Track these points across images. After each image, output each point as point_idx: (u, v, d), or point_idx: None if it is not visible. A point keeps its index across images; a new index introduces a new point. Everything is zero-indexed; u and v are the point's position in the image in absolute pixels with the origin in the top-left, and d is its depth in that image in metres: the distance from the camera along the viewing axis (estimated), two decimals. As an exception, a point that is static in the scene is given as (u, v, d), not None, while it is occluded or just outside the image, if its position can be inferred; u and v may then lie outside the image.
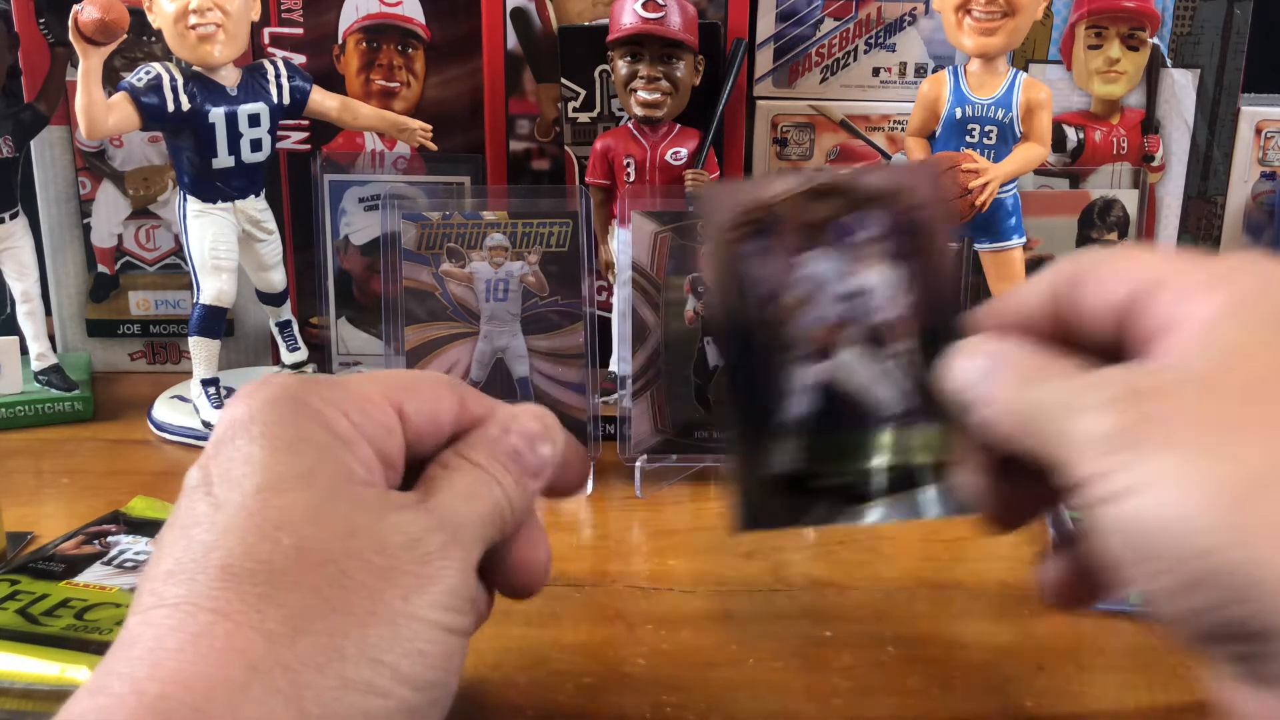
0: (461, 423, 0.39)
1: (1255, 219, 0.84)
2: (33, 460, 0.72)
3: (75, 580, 0.50)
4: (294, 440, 0.34)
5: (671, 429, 0.68)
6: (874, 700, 0.46)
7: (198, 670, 0.28)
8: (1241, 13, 0.80)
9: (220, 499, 0.33)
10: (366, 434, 0.35)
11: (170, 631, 0.29)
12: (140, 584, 0.32)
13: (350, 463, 0.34)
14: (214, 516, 0.32)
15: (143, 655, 0.29)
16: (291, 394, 0.35)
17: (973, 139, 0.73)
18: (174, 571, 0.31)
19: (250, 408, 0.35)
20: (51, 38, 0.81)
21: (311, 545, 0.31)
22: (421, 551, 0.33)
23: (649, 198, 0.73)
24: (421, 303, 0.67)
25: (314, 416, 0.35)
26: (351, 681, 0.30)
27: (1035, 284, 0.35)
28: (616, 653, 0.49)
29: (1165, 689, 0.46)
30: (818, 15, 0.82)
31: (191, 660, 0.29)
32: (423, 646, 0.32)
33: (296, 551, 0.31)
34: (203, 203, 0.74)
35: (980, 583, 0.56)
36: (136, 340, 0.89)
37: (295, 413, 0.35)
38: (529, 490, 0.38)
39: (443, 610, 0.33)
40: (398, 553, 0.33)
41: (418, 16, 0.84)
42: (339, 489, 0.33)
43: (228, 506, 0.32)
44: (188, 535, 0.32)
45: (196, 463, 0.35)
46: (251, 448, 0.33)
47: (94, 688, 0.29)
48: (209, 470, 0.34)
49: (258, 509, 0.32)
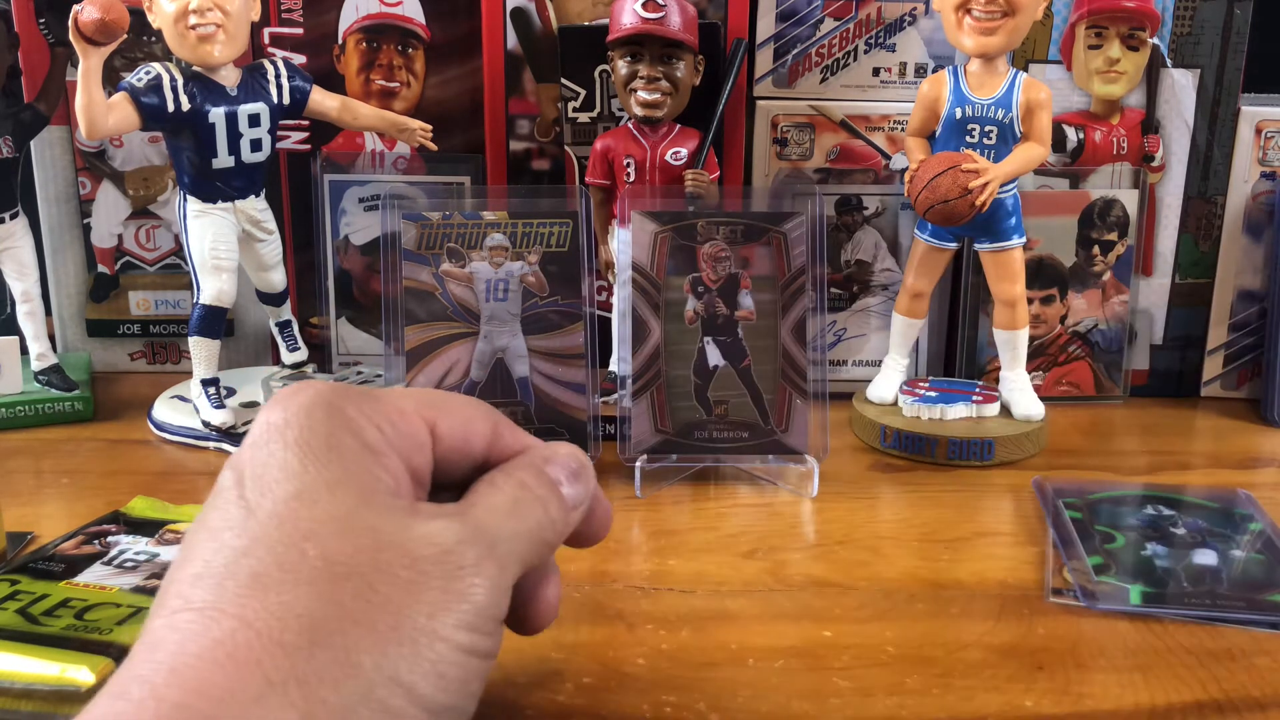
0: (494, 450, 0.39)
1: (1255, 219, 0.84)
2: (33, 460, 0.72)
3: (75, 580, 0.50)
4: (326, 449, 0.34)
5: (671, 429, 0.68)
6: (874, 700, 0.46)
7: (215, 679, 0.28)
8: (1241, 13, 0.80)
9: (252, 504, 0.33)
10: (396, 447, 0.36)
11: (193, 637, 0.29)
12: (166, 583, 0.32)
13: (379, 473, 0.34)
14: (245, 522, 0.32)
15: (164, 660, 0.29)
16: (327, 401, 0.35)
17: (973, 139, 0.73)
18: (202, 575, 0.31)
19: (287, 413, 0.35)
20: (51, 38, 0.81)
21: (338, 557, 0.31)
22: (452, 565, 0.33)
23: (649, 198, 0.73)
24: (421, 303, 0.67)
25: (347, 425, 0.35)
26: (366, 700, 0.30)
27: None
28: (616, 653, 0.49)
29: (1165, 689, 0.46)
30: (818, 15, 0.82)
31: (210, 669, 0.29)
32: (443, 669, 0.31)
33: (323, 563, 0.31)
34: (203, 203, 0.74)
35: (980, 583, 0.56)
36: (136, 340, 0.89)
37: (329, 420, 0.35)
38: (570, 521, 0.38)
39: (468, 631, 0.32)
40: (426, 567, 0.32)
41: (418, 16, 0.84)
42: (368, 499, 0.33)
43: (259, 513, 0.32)
44: (218, 538, 0.32)
45: (230, 462, 0.35)
46: (286, 454, 0.34)
47: (116, 691, 0.29)
48: (243, 473, 0.34)
49: (288, 517, 0.32)
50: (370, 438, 0.35)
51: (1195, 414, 0.84)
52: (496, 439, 0.39)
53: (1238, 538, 0.60)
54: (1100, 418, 0.83)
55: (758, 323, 0.68)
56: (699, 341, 0.68)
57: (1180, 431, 0.81)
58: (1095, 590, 0.54)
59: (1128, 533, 0.60)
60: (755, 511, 0.65)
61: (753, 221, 0.68)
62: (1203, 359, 0.87)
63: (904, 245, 0.84)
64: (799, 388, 0.68)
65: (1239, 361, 0.86)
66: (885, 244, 0.85)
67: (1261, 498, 0.65)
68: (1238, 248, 0.84)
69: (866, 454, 0.75)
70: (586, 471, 0.39)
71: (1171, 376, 0.87)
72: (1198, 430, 0.82)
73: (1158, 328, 0.87)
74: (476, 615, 0.33)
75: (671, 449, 0.68)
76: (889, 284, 0.85)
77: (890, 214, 0.84)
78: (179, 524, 0.58)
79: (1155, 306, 0.86)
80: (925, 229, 0.77)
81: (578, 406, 0.68)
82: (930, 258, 0.77)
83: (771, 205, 0.71)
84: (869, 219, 0.84)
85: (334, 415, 0.35)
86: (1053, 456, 0.75)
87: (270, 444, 0.34)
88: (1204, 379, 0.87)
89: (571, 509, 0.38)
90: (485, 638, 0.33)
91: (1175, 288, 0.86)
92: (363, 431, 0.35)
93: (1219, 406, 0.85)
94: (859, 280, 0.85)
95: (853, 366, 0.86)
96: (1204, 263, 0.85)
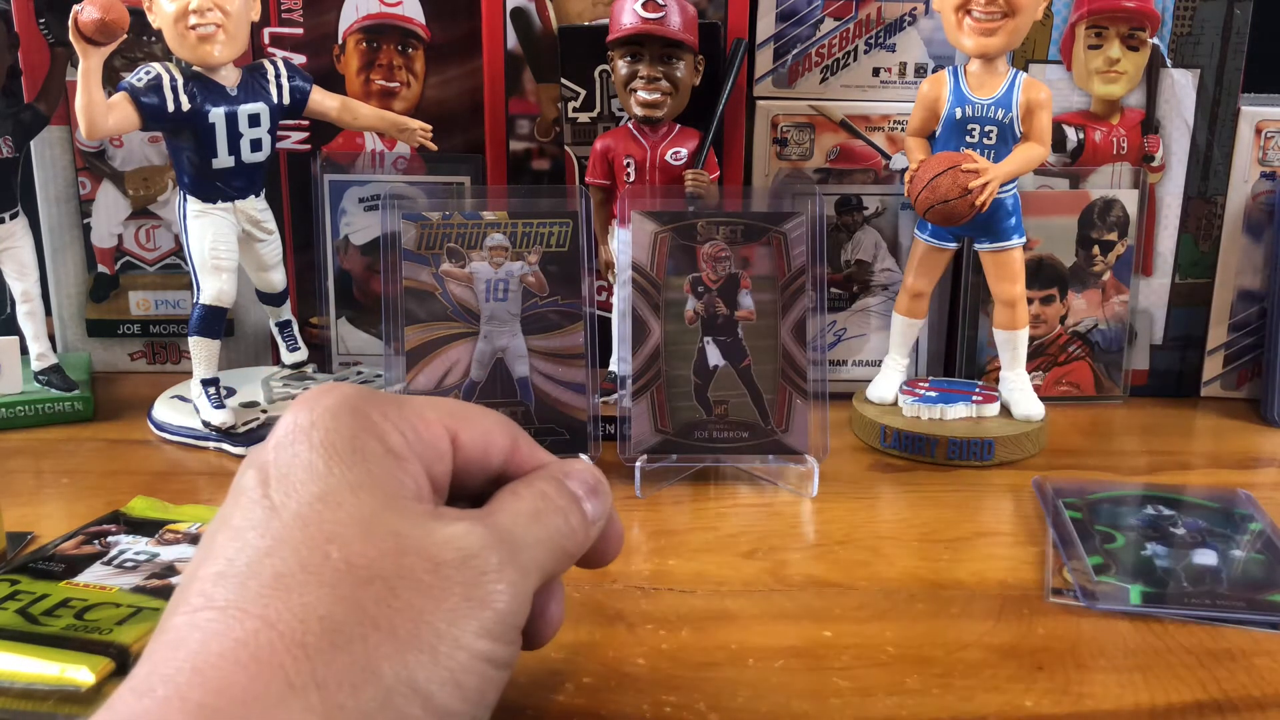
0: (511, 463, 0.39)
1: (1255, 219, 0.84)
2: (33, 460, 0.72)
3: (75, 580, 0.50)
4: (351, 451, 0.34)
5: (671, 429, 0.68)
6: (874, 700, 0.46)
7: (238, 681, 0.29)
8: (1241, 13, 0.80)
9: (277, 504, 0.33)
10: (419, 453, 0.36)
11: (215, 636, 0.30)
12: (187, 580, 0.32)
13: (403, 478, 0.35)
14: (269, 522, 0.32)
15: (187, 658, 0.29)
16: (352, 405, 0.35)
17: (973, 139, 0.73)
18: (224, 573, 0.31)
19: (313, 415, 0.35)
20: (51, 38, 0.81)
21: (360, 560, 0.31)
22: (475, 570, 0.33)
23: (649, 198, 0.73)
24: (421, 303, 0.67)
25: (372, 429, 0.35)
26: (383, 707, 0.30)
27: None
28: (616, 653, 0.49)
29: (1165, 689, 0.46)
30: (818, 15, 0.82)
31: (234, 669, 0.29)
32: (461, 677, 0.31)
33: (346, 565, 0.31)
34: (203, 203, 0.74)
35: (980, 583, 0.56)
36: (136, 340, 0.90)
37: (355, 424, 0.35)
38: (590, 535, 0.39)
39: (489, 639, 0.32)
40: (449, 572, 0.32)
41: (418, 16, 0.84)
42: (392, 503, 0.33)
43: (284, 513, 0.32)
44: (241, 537, 0.32)
45: (254, 460, 0.35)
46: (311, 455, 0.34)
47: (139, 687, 0.29)
48: (267, 473, 0.34)
49: (313, 519, 0.32)
50: (394, 442, 0.35)
51: (1195, 414, 0.84)
52: (514, 453, 0.39)
53: (1238, 538, 0.60)
54: (1100, 418, 0.83)
55: (758, 323, 0.68)
56: (699, 341, 0.68)
57: (1180, 431, 0.81)
58: (1095, 590, 0.54)
59: (1128, 533, 0.60)
60: (755, 511, 0.65)
61: (753, 221, 0.68)
62: (1203, 359, 0.87)
63: (904, 245, 0.84)
64: (799, 388, 0.68)
65: (1239, 361, 0.86)
66: (885, 244, 0.85)
67: (1261, 498, 0.65)
68: (1238, 248, 0.84)
69: (866, 454, 0.75)
70: (604, 488, 0.40)
71: (1171, 376, 0.87)
72: (1198, 430, 0.82)
73: (1158, 328, 0.87)
74: (498, 623, 0.33)
75: (671, 449, 0.68)
76: (889, 284, 0.85)
77: (890, 214, 0.84)
78: (179, 524, 0.58)
79: (1155, 306, 0.86)
80: (925, 229, 0.77)
81: (578, 406, 0.68)
82: (930, 258, 0.77)
83: (771, 205, 0.71)
84: (869, 219, 0.85)
85: (359, 419, 0.35)
86: (1053, 456, 0.75)
87: (296, 445, 0.34)
88: (1204, 379, 0.87)
89: (591, 522, 0.39)
90: (505, 646, 0.33)
91: (1175, 288, 0.86)
92: (387, 436, 0.35)
93: (1219, 406, 0.85)
94: (859, 280, 0.85)
95: (853, 366, 0.86)
96: (1204, 263, 0.85)
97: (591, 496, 0.39)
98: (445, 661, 0.31)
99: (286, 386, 0.80)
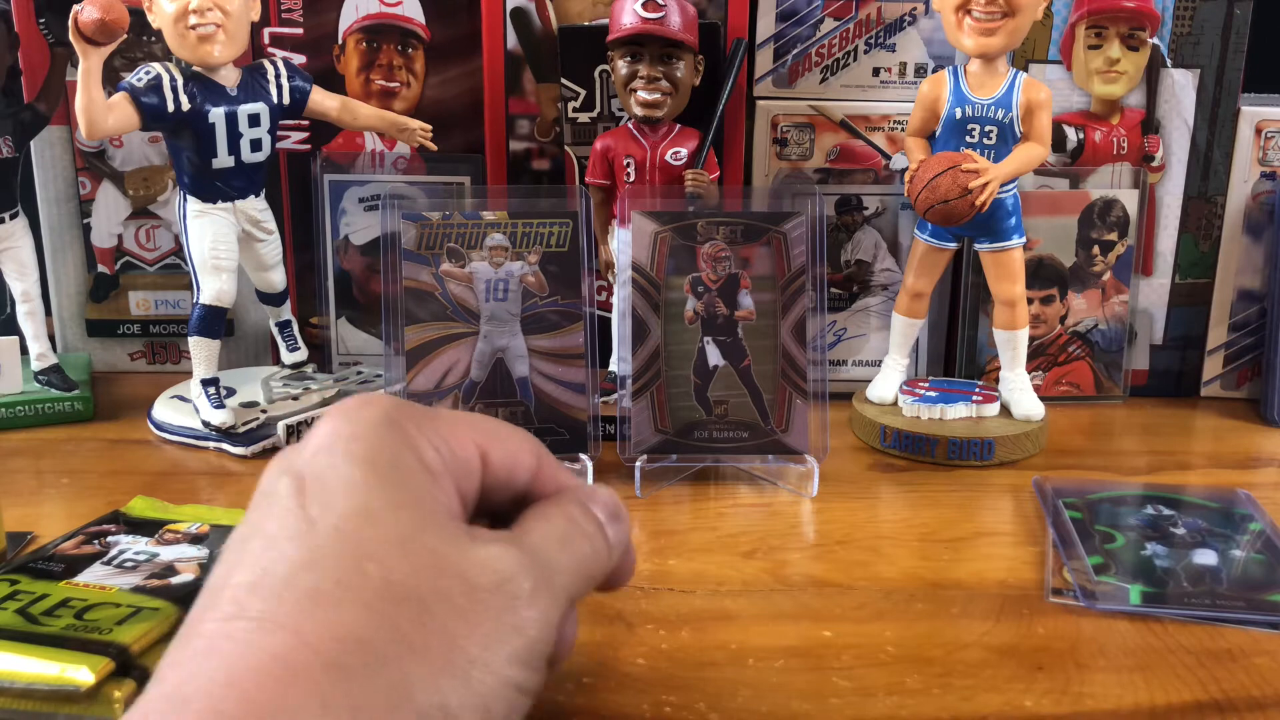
0: (536, 484, 0.39)
1: (1255, 219, 0.84)
2: (33, 460, 0.72)
3: (75, 580, 0.50)
4: (390, 467, 0.34)
5: (671, 429, 0.68)
6: (874, 700, 0.46)
7: (273, 698, 0.28)
8: (1241, 13, 0.80)
9: (314, 516, 0.32)
10: (451, 470, 0.36)
11: (250, 648, 0.29)
12: (218, 585, 0.32)
13: (439, 495, 0.34)
14: (306, 534, 0.32)
15: (220, 669, 0.29)
16: (391, 418, 0.35)
17: (973, 139, 0.73)
18: (258, 583, 0.31)
19: (354, 426, 0.35)
20: (51, 38, 0.81)
21: (397, 579, 0.31)
22: (509, 595, 0.33)
23: (649, 198, 0.73)
24: (421, 303, 0.67)
25: (409, 444, 0.35)
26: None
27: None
28: (616, 653, 0.49)
29: (1165, 689, 0.46)
30: (818, 15, 0.82)
31: (268, 684, 0.28)
32: (490, 703, 0.31)
33: (383, 584, 0.31)
34: (203, 203, 0.74)
35: (980, 583, 0.56)
36: (136, 340, 0.90)
37: (393, 438, 0.35)
38: (613, 560, 0.39)
39: (520, 666, 0.32)
40: (484, 595, 0.32)
41: (418, 16, 0.84)
42: (429, 522, 0.33)
43: (321, 526, 0.32)
44: (276, 547, 0.32)
45: (286, 465, 0.34)
46: (350, 468, 0.33)
47: (176, 697, 0.29)
48: (304, 482, 0.33)
49: (351, 534, 0.32)
50: (429, 459, 0.35)
51: (1195, 414, 0.84)
52: (540, 472, 0.39)
53: (1238, 538, 0.60)
54: (1100, 418, 0.83)
55: (758, 323, 0.68)
56: (699, 341, 0.68)
57: (1180, 431, 0.81)
58: (1095, 590, 0.54)
59: (1127, 533, 0.60)
60: (755, 511, 0.65)
61: (753, 221, 0.68)
62: (1203, 359, 0.87)
63: (904, 245, 0.84)
64: (799, 388, 0.68)
65: (1239, 361, 0.86)
66: (885, 244, 0.85)
67: (1261, 498, 0.65)
68: (1238, 248, 0.84)
69: (866, 454, 0.75)
70: (624, 514, 0.40)
71: (1171, 376, 0.87)
72: (1198, 430, 0.82)
73: (1158, 328, 0.87)
74: (528, 650, 0.33)
75: (671, 449, 0.68)
76: (889, 284, 0.85)
77: (890, 214, 0.84)
78: (179, 524, 0.58)
79: (1155, 306, 0.86)
80: (925, 229, 0.77)
81: (578, 406, 0.68)
82: (930, 258, 0.77)
83: (771, 205, 0.71)
84: (869, 219, 0.85)
85: (397, 432, 0.35)
86: (1053, 456, 0.75)
87: (334, 454, 0.34)
88: (1204, 379, 0.87)
89: (613, 547, 0.39)
90: (534, 674, 0.33)
91: (1175, 288, 0.86)
92: (423, 452, 0.35)
93: (1219, 406, 0.85)
94: (859, 280, 0.85)
95: (853, 366, 0.86)
96: (1204, 263, 0.85)
97: (613, 522, 0.39)
98: (477, 687, 0.31)
99: (286, 386, 0.80)
